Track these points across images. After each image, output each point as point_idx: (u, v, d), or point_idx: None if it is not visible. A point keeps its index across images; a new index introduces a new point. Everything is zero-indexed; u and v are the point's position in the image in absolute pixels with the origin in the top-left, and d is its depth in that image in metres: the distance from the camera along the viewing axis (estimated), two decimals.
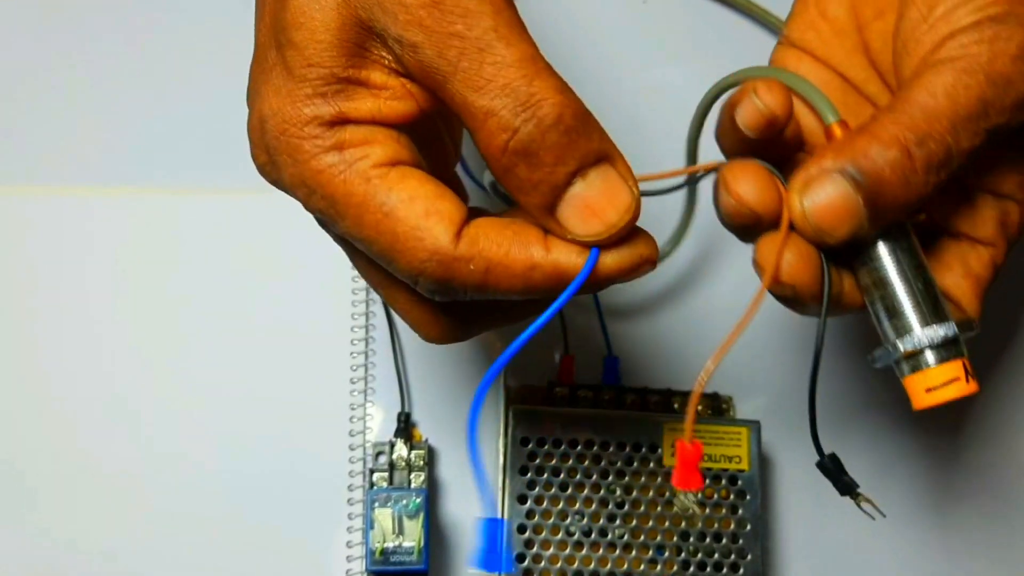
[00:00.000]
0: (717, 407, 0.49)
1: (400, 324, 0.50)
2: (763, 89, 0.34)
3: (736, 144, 0.36)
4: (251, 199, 0.51)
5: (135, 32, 0.53)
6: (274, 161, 0.31)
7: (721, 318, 0.47)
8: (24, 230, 0.50)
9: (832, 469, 0.37)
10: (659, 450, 0.47)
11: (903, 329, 0.34)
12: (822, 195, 0.32)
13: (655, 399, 0.49)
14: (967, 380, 0.33)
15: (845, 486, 0.36)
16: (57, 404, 0.48)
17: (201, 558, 0.47)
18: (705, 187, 0.42)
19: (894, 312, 0.34)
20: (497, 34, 0.29)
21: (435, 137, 0.35)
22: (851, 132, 0.33)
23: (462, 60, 0.29)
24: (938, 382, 0.33)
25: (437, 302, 0.33)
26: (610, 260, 0.31)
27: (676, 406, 0.49)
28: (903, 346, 0.33)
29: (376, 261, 0.31)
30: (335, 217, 0.30)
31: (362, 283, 0.50)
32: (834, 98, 0.37)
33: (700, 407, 0.49)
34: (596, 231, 0.30)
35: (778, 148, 0.36)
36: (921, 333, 0.33)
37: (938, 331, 0.33)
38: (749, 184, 0.33)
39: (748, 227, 0.34)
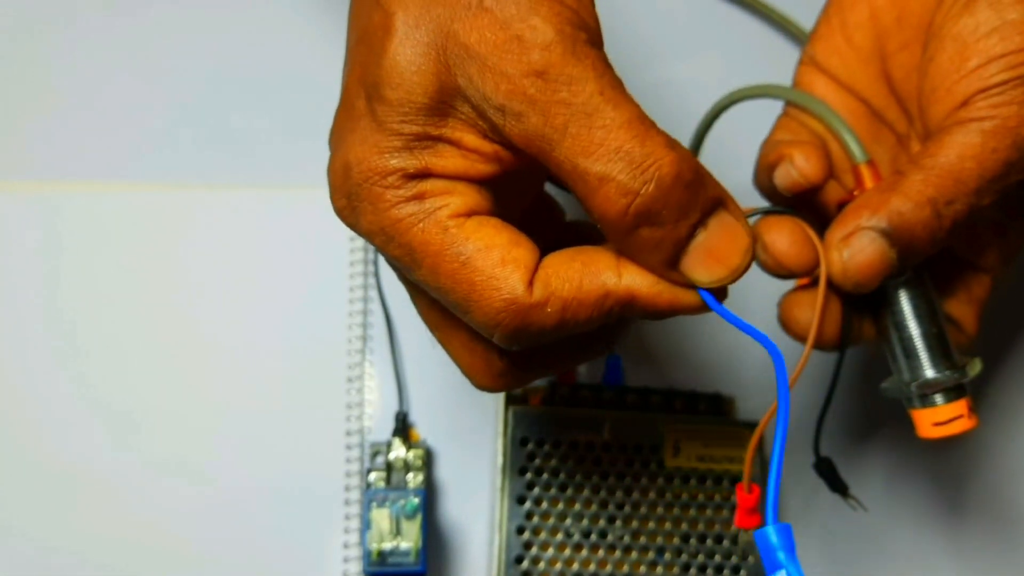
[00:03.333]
0: (719, 408, 0.49)
1: (398, 323, 0.49)
2: (801, 159, 0.36)
3: (772, 191, 0.38)
4: (248, 196, 0.50)
5: (135, 27, 0.52)
6: (354, 207, 0.31)
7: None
8: (18, 227, 0.50)
9: (826, 471, 0.41)
10: (660, 451, 0.46)
11: (917, 370, 0.37)
12: (862, 255, 0.35)
13: (656, 399, 0.48)
14: (969, 416, 0.37)
15: (838, 486, 0.41)
16: (55, 403, 0.48)
17: (198, 558, 0.47)
18: None
19: (910, 353, 0.37)
20: (603, 97, 0.29)
21: (509, 187, 0.34)
22: (883, 187, 0.35)
23: (570, 126, 0.28)
24: (944, 418, 0.37)
25: (496, 348, 0.33)
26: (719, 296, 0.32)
27: (677, 406, 0.48)
28: (917, 386, 0.37)
29: (451, 310, 0.31)
30: (411, 265, 0.31)
31: (360, 281, 0.50)
32: (857, 123, 0.39)
33: (702, 408, 0.48)
34: (720, 276, 0.31)
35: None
36: (934, 376, 0.37)
37: (950, 376, 0.36)
38: (786, 243, 0.36)
39: (782, 277, 0.37)
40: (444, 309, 0.33)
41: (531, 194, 0.36)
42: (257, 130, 0.51)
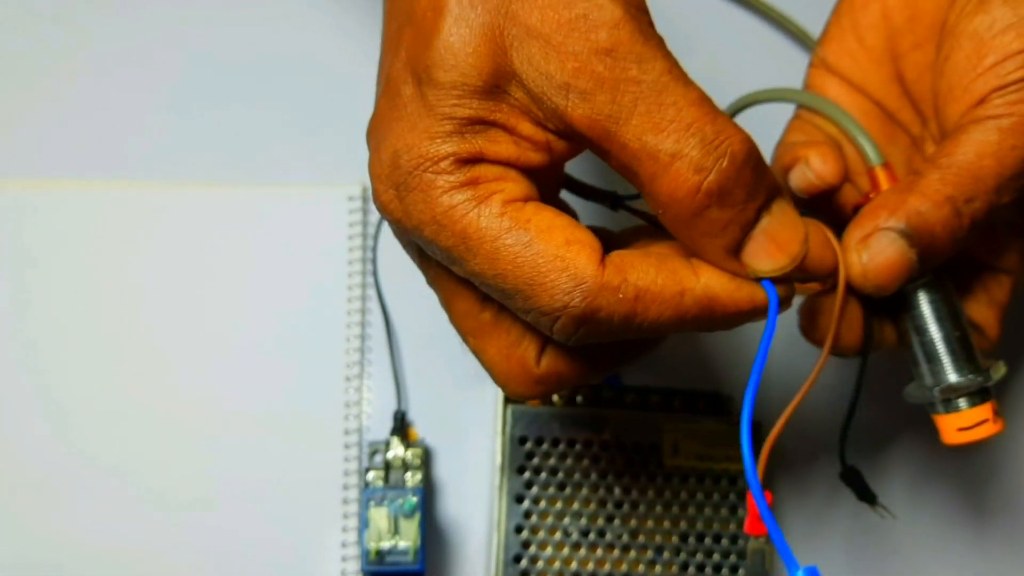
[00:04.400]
0: (718, 406, 0.49)
1: (396, 322, 0.49)
2: (816, 160, 0.36)
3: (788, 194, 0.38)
4: (245, 194, 0.50)
5: (128, 21, 0.52)
6: (402, 197, 0.30)
7: None
8: (13, 224, 0.49)
9: (854, 480, 0.40)
10: (659, 450, 0.46)
11: (940, 374, 0.36)
12: (881, 256, 0.34)
13: (655, 398, 0.48)
14: (994, 420, 0.36)
15: (866, 495, 0.40)
16: (50, 402, 0.48)
17: (196, 558, 0.47)
18: None
19: (932, 358, 0.37)
20: (672, 76, 0.29)
21: (546, 181, 0.34)
22: (901, 187, 0.35)
23: (639, 104, 0.28)
24: (969, 423, 0.36)
25: (534, 354, 0.33)
26: (781, 291, 0.32)
27: (676, 405, 0.48)
28: (940, 390, 0.36)
29: (507, 302, 0.30)
30: (466, 254, 0.29)
31: (359, 280, 0.50)
32: (871, 125, 0.39)
33: (700, 406, 0.48)
34: (781, 264, 0.31)
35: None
36: (957, 381, 0.36)
37: (974, 380, 0.36)
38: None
39: (799, 280, 0.36)
40: (481, 314, 0.32)
41: (550, 199, 0.36)
42: (255, 128, 0.51)
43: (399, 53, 0.31)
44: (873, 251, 0.34)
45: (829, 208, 0.38)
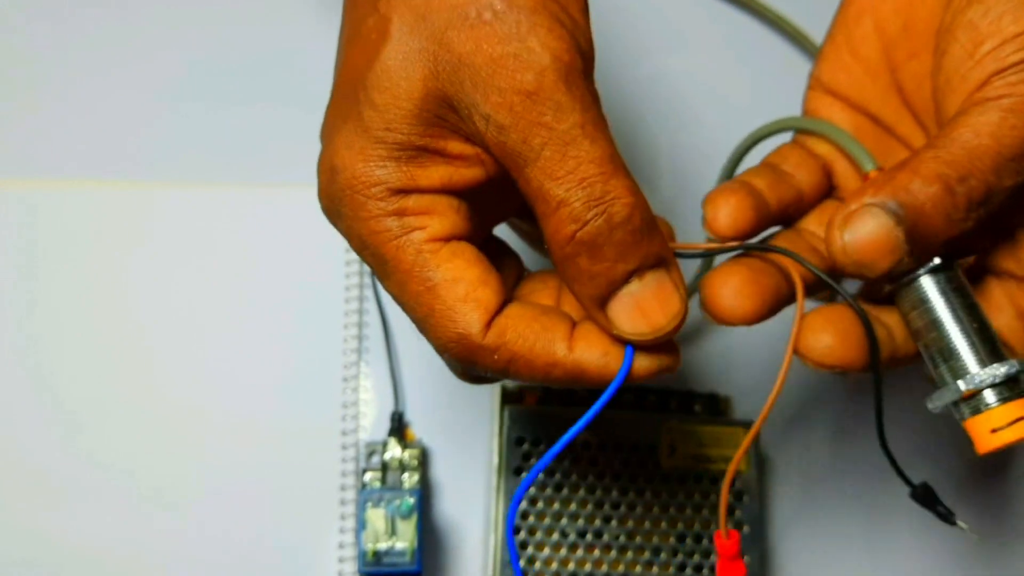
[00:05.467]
0: (715, 407, 0.49)
1: (394, 323, 0.49)
2: (710, 211, 0.35)
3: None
4: (242, 194, 0.50)
5: (123, 22, 0.52)
6: (337, 211, 0.32)
7: None
8: (12, 224, 0.49)
9: (926, 498, 0.36)
10: (656, 451, 0.46)
11: (960, 371, 0.33)
12: (863, 229, 0.32)
13: (652, 399, 0.48)
14: None
15: (943, 513, 0.36)
16: (47, 402, 0.48)
17: (195, 558, 0.46)
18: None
19: (949, 354, 0.33)
20: (583, 131, 0.30)
21: (489, 197, 0.35)
22: (892, 168, 0.33)
23: (545, 150, 0.30)
24: (1002, 422, 0.32)
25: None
26: (639, 364, 0.32)
27: (673, 406, 0.48)
28: (962, 388, 0.33)
29: (411, 320, 0.33)
30: (381, 276, 0.32)
31: (355, 280, 0.50)
32: (867, 141, 0.38)
33: (697, 407, 0.48)
34: (641, 331, 0.31)
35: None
36: (980, 373, 0.32)
37: (998, 370, 0.32)
38: (731, 294, 0.34)
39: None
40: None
41: (507, 212, 0.37)
42: (252, 128, 0.51)
43: (345, 67, 0.32)
44: (855, 226, 0.32)
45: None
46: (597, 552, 0.45)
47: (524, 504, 0.45)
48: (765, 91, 0.55)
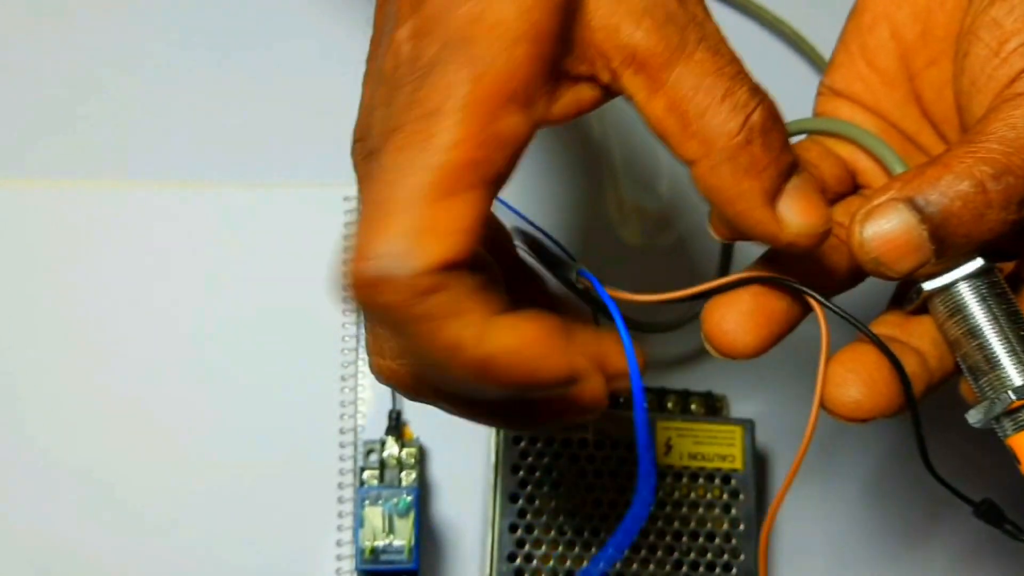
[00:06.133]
0: (711, 406, 0.49)
1: None
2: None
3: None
4: (241, 193, 0.50)
5: (123, 20, 0.52)
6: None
7: None
8: (7, 224, 0.49)
9: (992, 515, 0.34)
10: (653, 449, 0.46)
11: (1002, 382, 0.31)
12: (884, 225, 0.30)
13: (649, 398, 0.48)
14: None
15: (1011, 533, 0.34)
16: (49, 401, 0.48)
17: (190, 557, 0.47)
18: None
19: (990, 364, 0.31)
20: (720, 36, 0.30)
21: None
22: (922, 164, 0.31)
23: (703, 43, 0.29)
24: None
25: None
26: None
27: (670, 405, 0.48)
28: (1004, 401, 0.30)
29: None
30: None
31: None
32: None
33: (693, 406, 0.49)
34: (814, 223, 0.30)
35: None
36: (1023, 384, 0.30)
37: None
38: (732, 323, 0.33)
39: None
40: None
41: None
42: (250, 127, 0.51)
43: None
44: (876, 221, 0.30)
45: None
46: (595, 550, 0.45)
47: (522, 502, 0.45)
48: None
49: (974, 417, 0.32)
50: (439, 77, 0.27)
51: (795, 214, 0.30)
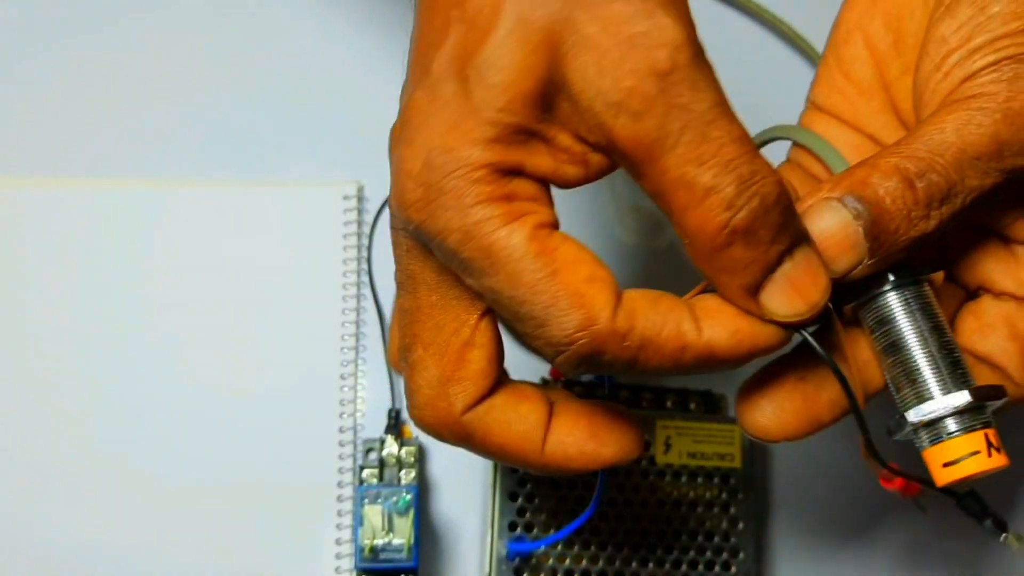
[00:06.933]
0: (710, 405, 0.49)
1: (391, 320, 0.50)
2: None
3: None
4: (240, 192, 0.50)
5: (127, 21, 0.52)
6: (431, 199, 0.29)
7: None
8: (6, 222, 0.49)
9: (974, 507, 0.34)
10: (651, 448, 0.46)
11: (920, 396, 0.31)
12: (820, 224, 0.31)
13: (648, 396, 0.48)
14: (989, 453, 0.30)
15: (994, 522, 0.34)
16: (46, 400, 0.48)
17: (189, 554, 0.47)
18: None
19: (911, 378, 0.31)
20: (720, 109, 0.28)
21: None
22: (853, 166, 0.32)
23: (685, 133, 0.28)
24: (957, 455, 0.30)
25: (460, 403, 0.32)
26: (770, 337, 0.30)
27: (669, 404, 0.48)
28: (919, 415, 0.31)
29: (515, 323, 0.29)
30: (485, 270, 0.29)
31: (353, 279, 0.50)
32: (860, 158, 0.35)
33: (692, 404, 0.49)
34: (799, 311, 0.30)
35: None
36: (938, 400, 0.31)
37: (957, 398, 0.30)
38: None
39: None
40: (450, 338, 0.31)
41: None
42: (250, 126, 0.51)
43: (443, 47, 0.29)
44: (811, 220, 0.31)
45: None
46: (593, 548, 0.45)
47: (521, 500, 0.45)
48: (762, 93, 0.55)
49: (894, 430, 0.32)
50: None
51: (778, 304, 0.30)
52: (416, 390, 0.32)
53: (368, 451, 0.47)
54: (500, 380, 0.32)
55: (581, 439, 0.32)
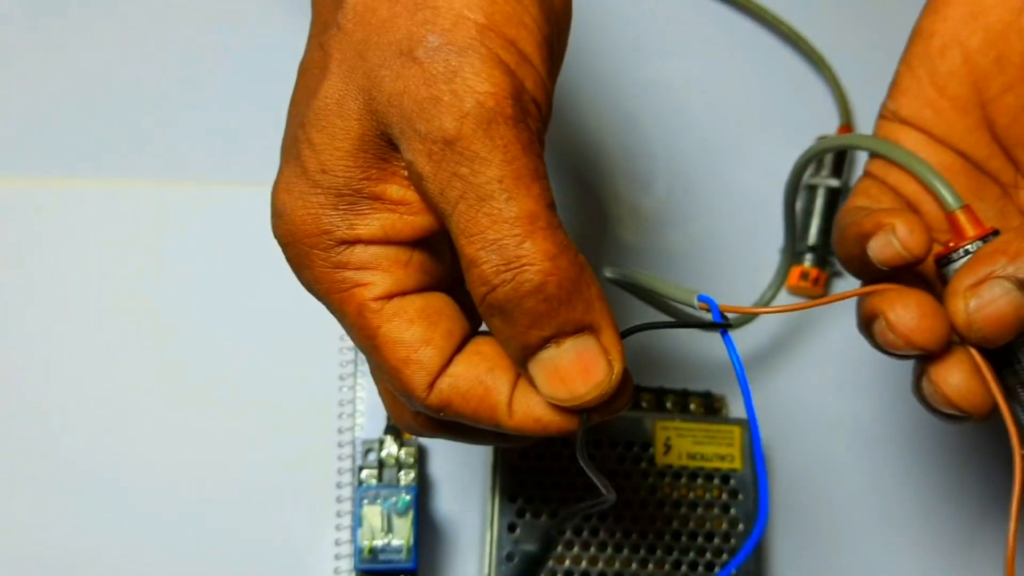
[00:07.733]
0: (710, 406, 0.49)
1: None
2: (904, 230, 0.32)
3: (858, 262, 0.34)
4: (238, 192, 0.50)
5: (112, 19, 0.52)
6: (285, 251, 0.32)
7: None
8: (8, 222, 0.49)
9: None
10: (651, 449, 0.46)
11: None
12: (991, 305, 0.31)
13: (648, 397, 0.48)
14: None
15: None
16: (44, 401, 0.48)
17: (188, 556, 0.47)
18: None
19: None
20: (500, 186, 0.28)
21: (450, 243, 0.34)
22: (1016, 232, 0.32)
23: (460, 203, 0.28)
24: None
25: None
26: (550, 419, 0.31)
27: (668, 405, 0.48)
28: None
29: None
30: (336, 317, 0.32)
31: None
32: (956, 178, 0.36)
33: (692, 405, 0.49)
34: (560, 397, 0.30)
35: None
36: None
37: None
38: (914, 318, 0.32)
39: (909, 357, 0.33)
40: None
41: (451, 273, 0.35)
42: (249, 126, 0.51)
43: (293, 98, 0.31)
44: (983, 300, 0.31)
45: (904, 275, 0.35)
46: (593, 550, 0.45)
47: (520, 501, 0.45)
48: (763, 93, 0.55)
49: None
50: None
51: (540, 384, 0.30)
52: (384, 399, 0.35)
53: (367, 452, 0.47)
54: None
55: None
